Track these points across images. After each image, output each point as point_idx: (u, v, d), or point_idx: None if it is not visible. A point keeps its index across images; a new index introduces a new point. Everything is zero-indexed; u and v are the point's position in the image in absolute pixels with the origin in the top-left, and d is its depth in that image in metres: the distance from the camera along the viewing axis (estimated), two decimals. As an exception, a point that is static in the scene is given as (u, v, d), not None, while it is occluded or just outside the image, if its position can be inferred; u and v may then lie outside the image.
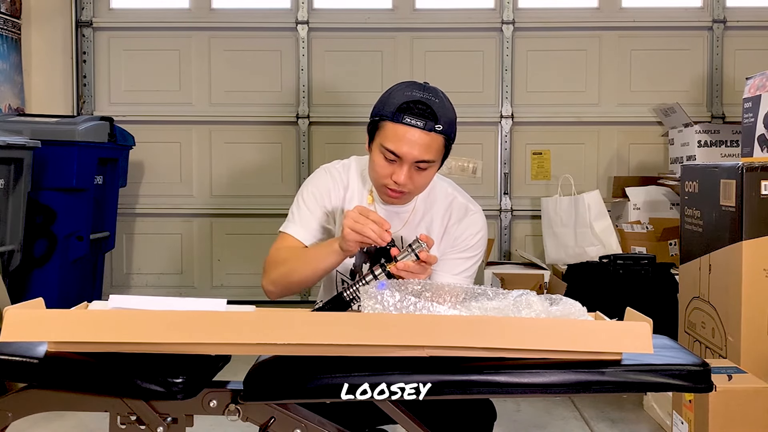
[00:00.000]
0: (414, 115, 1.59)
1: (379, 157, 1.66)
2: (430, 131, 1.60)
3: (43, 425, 2.71)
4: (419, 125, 1.59)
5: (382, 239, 1.52)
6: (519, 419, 2.89)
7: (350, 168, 1.83)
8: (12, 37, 4.09)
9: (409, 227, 1.78)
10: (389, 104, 1.63)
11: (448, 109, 1.65)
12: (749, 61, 4.41)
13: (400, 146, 1.60)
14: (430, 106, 1.60)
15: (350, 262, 1.77)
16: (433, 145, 1.62)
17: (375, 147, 1.67)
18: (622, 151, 4.60)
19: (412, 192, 1.70)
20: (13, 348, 1.26)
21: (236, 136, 4.59)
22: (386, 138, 1.62)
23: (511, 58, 4.55)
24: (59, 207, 3.58)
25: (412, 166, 1.63)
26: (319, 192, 1.79)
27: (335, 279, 1.81)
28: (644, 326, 1.20)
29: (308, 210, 1.78)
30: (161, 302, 1.29)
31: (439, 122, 1.60)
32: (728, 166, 2.56)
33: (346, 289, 1.54)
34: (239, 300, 1.62)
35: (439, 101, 1.63)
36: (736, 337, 2.50)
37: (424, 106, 1.60)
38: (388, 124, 1.62)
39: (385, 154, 1.63)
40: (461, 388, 1.22)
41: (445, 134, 1.63)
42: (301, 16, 4.53)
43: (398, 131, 1.61)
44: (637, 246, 3.93)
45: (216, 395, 1.30)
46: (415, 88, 1.64)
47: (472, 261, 1.80)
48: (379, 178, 1.68)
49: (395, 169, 1.64)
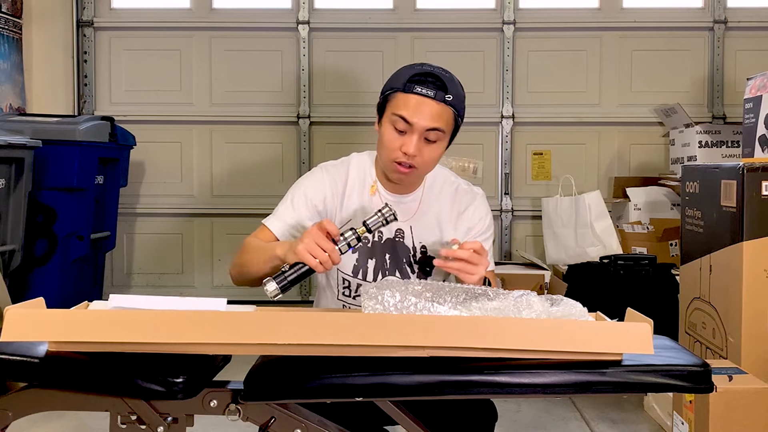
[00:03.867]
0: (424, 85, 1.62)
1: (389, 129, 1.66)
2: (441, 101, 1.62)
3: (43, 425, 2.71)
4: (430, 94, 1.62)
5: (323, 268, 1.48)
6: (519, 419, 2.89)
7: (350, 163, 1.82)
8: (13, 36, 4.09)
9: (418, 218, 1.77)
10: (400, 78, 1.66)
11: (457, 85, 1.68)
12: (750, 62, 4.41)
13: (411, 113, 1.62)
14: (440, 78, 1.64)
15: (353, 259, 1.76)
16: (443, 115, 1.64)
17: (385, 120, 1.68)
18: (623, 151, 4.60)
19: (420, 167, 1.69)
20: (13, 348, 1.26)
21: (237, 136, 4.60)
22: (397, 106, 1.64)
23: (512, 58, 4.55)
24: (60, 207, 3.58)
25: (421, 136, 1.64)
26: (312, 192, 1.77)
27: (337, 278, 1.80)
28: (645, 327, 1.20)
29: (293, 208, 1.76)
30: (161, 302, 1.29)
31: (449, 93, 1.63)
32: (729, 167, 2.55)
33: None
34: (239, 300, 1.61)
35: (450, 76, 1.66)
36: (736, 338, 2.49)
37: (435, 78, 1.63)
38: (399, 95, 1.64)
39: (396, 123, 1.64)
40: (461, 388, 1.22)
41: (454, 107, 1.65)
42: (302, 16, 4.53)
43: (409, 100, 1.63)
44: (638, 246, 3.93)
45: (216, 395, 1.30)
46: (426, 65, 1.68)
47: (489, 241, 1.83)
48: (389, 152, 1.67)
49: (405, 140, 1.64)
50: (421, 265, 1.78)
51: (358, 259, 1.76)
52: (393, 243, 1.76)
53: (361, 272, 1.77)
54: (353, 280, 1.78)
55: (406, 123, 1.63)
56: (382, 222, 1.54)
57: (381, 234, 1.76)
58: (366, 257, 1.77)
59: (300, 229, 1.73)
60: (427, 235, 1.77)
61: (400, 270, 1.77)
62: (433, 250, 1.77)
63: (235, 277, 1.73)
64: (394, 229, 1.76)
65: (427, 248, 1.77)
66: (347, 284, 1.78)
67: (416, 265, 1.77)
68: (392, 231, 1.76)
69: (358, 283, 1.77)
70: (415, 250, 1.77)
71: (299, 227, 1.73)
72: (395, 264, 1.77)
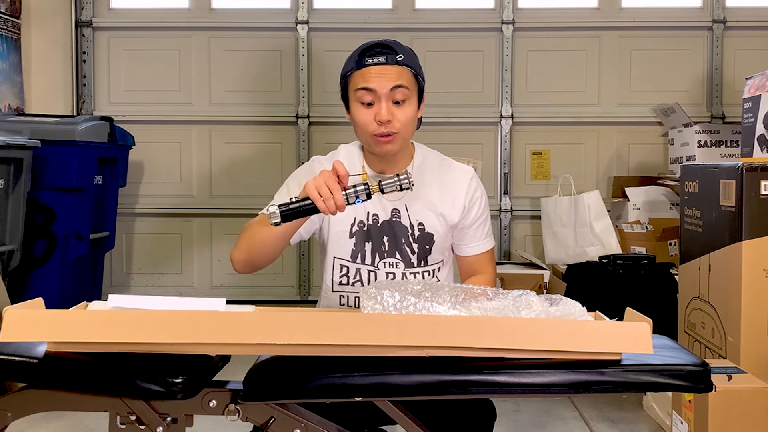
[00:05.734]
0: (374, 54, 1.68)
1: (358, 107, 1.70)
2: (393, 64, 1.67)
3: (42, 425, 2.71)
4: (382, 61, 1.67)
5: (327, 209, 1.48)
6: (519, 419, 2.89)
7: (339, 153, 1.85)
8: (12, 36, 4.09)
9: (412, 196, 1.77)
10: (351, 60, 1.72)
11: (407, 49, 1.73)
12: (749, 61, 4.41)
13: (371, 82, 1.66)
14: (387, 45, 1.70)
15: (350, 244, 1.77)
16: (402, 75, 1.68)
17: (352, 101, 1.72)
18: (622, 151, 4.60)
19: (400, 131, 1.70)
20: (12, 348, 1.26)
21: (236, 136, 4.60)
22: (356, 83, 1.69)
23: (511, 58, 4.55)
24: (59, 207, 3.58)
25: (389, 99, 1.67)
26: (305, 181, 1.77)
27: (333, 264, 1.80)
28: (644, 326, 1.20)
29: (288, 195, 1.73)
30: (161, 302, 1.29)
31: (399, 54, 1.68)
32: (728, 167, 2.56)
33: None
34: (239, 300, 1.62)
35: (396, 43, 1.72)
36: (735, 337, 2.50)
37: (382, 47, 1.69)
38: (355, 73, 1.70)
39: (362, 98, 1.68)
40: (461, 388, 1.22)
41: (409, 66, 1.70)
42: (301, 16, 4.53)
43: (364, 72, 1.68)
44: (637, 246, 3.93)
45: (216, 395, 1.30)
46: (370, 41, 1.72)
47: (488, 220, 1.88)
48: (365, 129, 1.70)
49: (375, 110, 1.67)
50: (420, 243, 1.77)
51: (356, 244, 1.77)
52: (390, 224, 1.77)
53: (360, 256, 1.77)
54: (351, 265, 1.78)
55: (370, 92, 1.67)
56: (397, 186, 1.52)
57: (377, 217, 1.77)
58: (363, 241, 1.77)
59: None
60: (424, 212, 1.78)
61: (399, 251, 1.77)
62: (431, 226, 1.78)
63: (240, 259, 1.70)
64: (390, 210, 1.77)
65: (425, 225, 1.78)
66: (345, 271, 1.78)
67: (416, 244, 1.77)
68: (388, 212, 1.77)
69: (357, 268, 1.78)
70: (413, 228, 1.78)
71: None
72: (394, 245, 1.77)
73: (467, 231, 1.84)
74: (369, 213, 1.77)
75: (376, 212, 1.77)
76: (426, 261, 1.79)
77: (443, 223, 1.79)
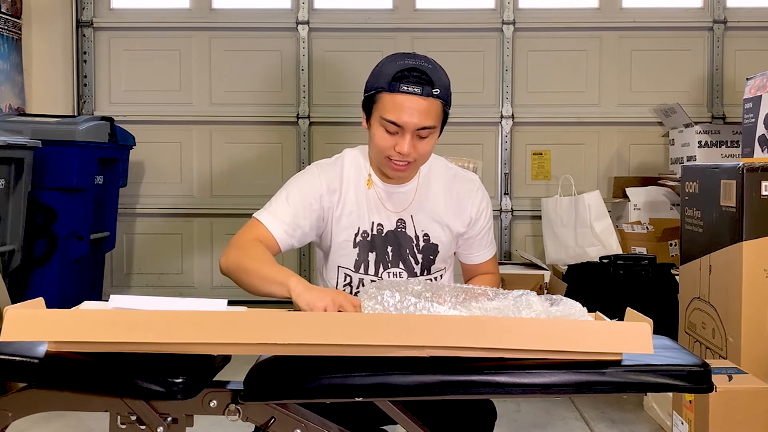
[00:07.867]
0: (410, 82, 1.59)
1: (379, 130, 1.65)
2: (428, 96, 1.60)
3: (43, 425, 2.71)
4: (417, 92, 1.59)
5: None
6: (519, 419, 2.89)
7: (344, 159, 1.80)
8: (12, 37, 4.09)
9: (417, 206, 1.76)
10: (383, 75, 1.62)
11: (441, 73, 1.66)
12: (750, 62, 4.41)
13: (401, 115, 1.60)
14: (425, 72, 1.61)
15: (354, 253, 1.76)
16: (432, 111, 1.62)
17: (374, 121, 1.66)
18: (623, 151, 4.60)
19: (417, 161, 1.68)
20: (13, 348, 1.26)
21: (236, 136, 4.60)
22: (385, 109, 1.62)
23: (512, 58, 4.55)
24: (59, 207, 3.58)
25: (414, 134, 1.63)
26: (308, 190, 1.74)
27: (337, 273, 1.79)
28: (644, 327, 1.20)
29: (288, 204, 1.71)
30: (161, 302, 1.29)
31: (436, 86, 1.61)
32: (729, 167, 2.55)
33: None
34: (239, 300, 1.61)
35: (432, 67, 1.64)
36: (736, 338, 2.49)
37: (419, 73, 1.60)
38: (385, 96, 1.62)
39: (386, 126, 1.63)
40: (461, 388, 1.22)
41: (442, 99, 1.63)
42: (301, 16, 4.53)
43: (396, 101, 1.60)
44: (638, 246, 3.93)
45: (216, 395, 1.30)
46: (407, 57, 1.64)
47: (491, 229, 1.88)
48: (382, 152, 1.66)
49: (397, 140, 1.63)
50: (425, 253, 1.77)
51: (359, 254, 1.75)
52: (395, 234, 1.76)
53: (363, 266, 1.76)
54: (355, 275, 1.77)
55: (396, 126, 1.62)
56: None
57: (382, 227, 1.75)
58: (366, 251, 1.75)
59: (295, 228, 1.71)
60: (429, 222, 1.77)
61: (403, 261, 1.76)
62: (435, 237, 1.77)
63: (226, 272, 1.64)
64: (396, 220, 1.76)
65: (430, 236, 1.77)
66: (348, 280, 1.78)
67: (420, 255, 1.77)
68: (393, 222, 1.76)
69: (360, 278, 1.77)
70: (417, 238, 1.77)
71: (294, 225, 1.71)
72: (398, 255, 1.76)
73: (473, 241, 1.84)
74: (374, 223, 1.75)
75: (381, 222, 1.75)
76: (429, 270, 1.78)
77: (448, 233, 1.78)
